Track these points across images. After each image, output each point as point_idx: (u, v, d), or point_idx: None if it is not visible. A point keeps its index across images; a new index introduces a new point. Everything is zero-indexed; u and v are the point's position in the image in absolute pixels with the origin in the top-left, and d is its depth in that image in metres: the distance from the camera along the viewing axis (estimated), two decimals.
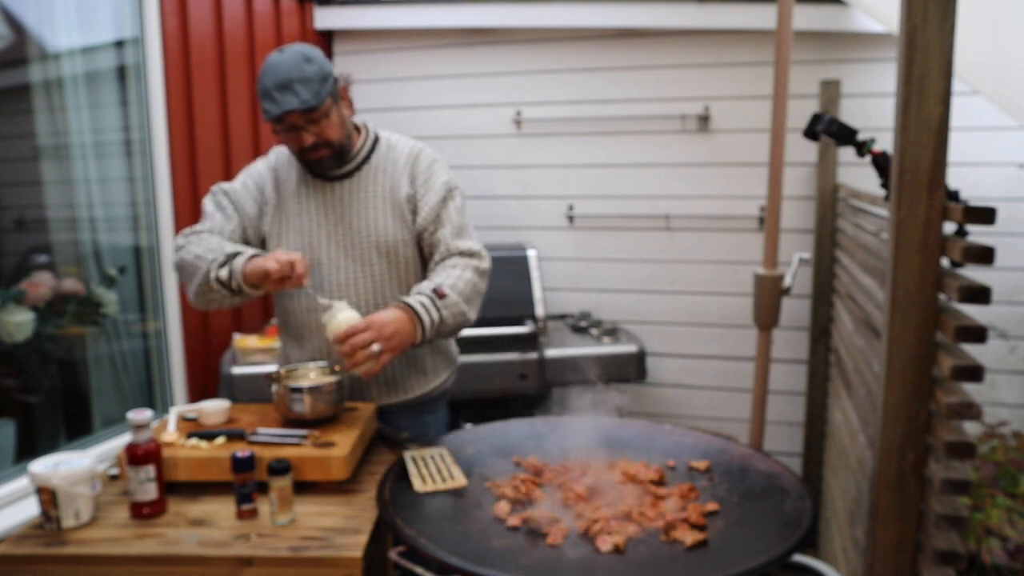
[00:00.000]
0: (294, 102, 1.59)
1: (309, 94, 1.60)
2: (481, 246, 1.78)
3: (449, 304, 1.64)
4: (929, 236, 1.09)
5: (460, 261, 1.73)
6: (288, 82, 1.59)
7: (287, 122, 1.63)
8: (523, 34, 3.25)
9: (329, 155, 1.69)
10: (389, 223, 1.75)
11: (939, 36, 1.05)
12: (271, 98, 1.60)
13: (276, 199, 1.79)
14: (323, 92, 1.62)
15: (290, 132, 1.65)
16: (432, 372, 1.86)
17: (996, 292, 1.07)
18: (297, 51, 1.64)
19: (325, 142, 1.67)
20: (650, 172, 3.24)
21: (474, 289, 1.71)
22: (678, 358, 3.31)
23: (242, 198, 1.78)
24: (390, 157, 1.80)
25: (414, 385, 1.83)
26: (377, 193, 1.76)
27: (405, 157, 1.79)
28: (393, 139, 1.83)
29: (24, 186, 2.35)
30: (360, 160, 1.78)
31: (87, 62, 2.39)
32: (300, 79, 1.60)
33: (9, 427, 2.18)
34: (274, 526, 1.36)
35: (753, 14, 2.94)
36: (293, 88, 1.59)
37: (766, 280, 2.59)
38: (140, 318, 2.58)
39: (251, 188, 1.80)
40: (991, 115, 2.36)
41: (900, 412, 1.13)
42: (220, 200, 1.79)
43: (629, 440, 1.64)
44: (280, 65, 1.61)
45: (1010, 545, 2.15)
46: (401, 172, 1.78)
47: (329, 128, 1.66)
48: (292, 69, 1.60)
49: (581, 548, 1.23)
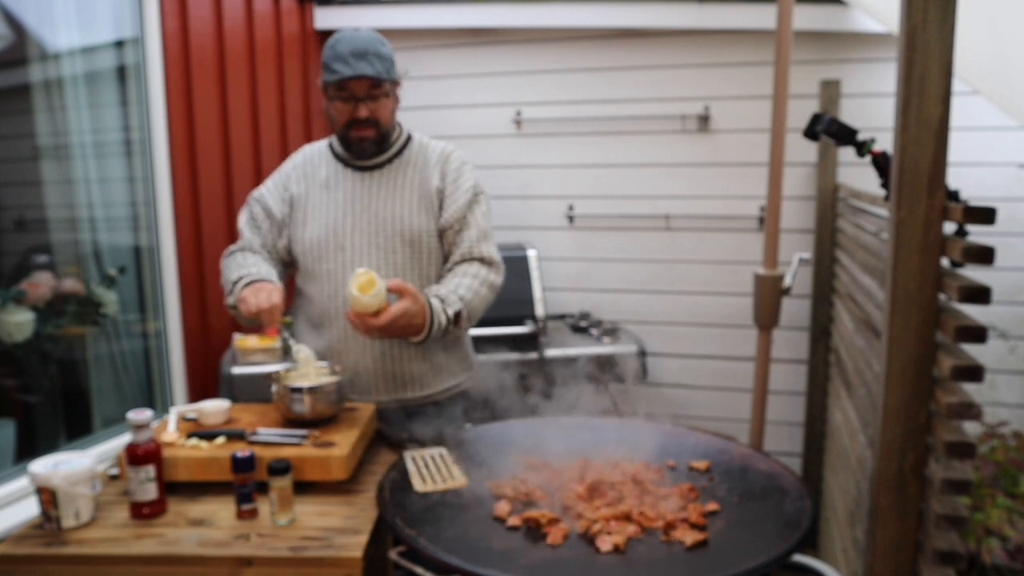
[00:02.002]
0: (368, 69, 1.67)
1: (383, 67, 1.71)
2: (500, 257, 1.85)
3: (456, 330, 1.74)
4: (929, 236, 1.09)
5: (481, 272, 1.79)
6: (365, 52, 1.68)
7: (350, 89, 1.70)
8: (523, 34, 3.25)
9: (373, 136, 1.76)
10: (415, 212, 1.80)
11: (939, 36, 1.05)
12: (345, 61, 1.67)
13: (303, 189, 1.84)
14: (392, 73, 1.75)
15: (347, 101, 1.72)
16: (446, 371, 1.87)
17: (996, 292, 1.07)
18: (373, 32, 1.75)
19: (375, 120, 1.74)
20: (650, 172, 3.24)
21: (483, 305, 1.80)
22: (678, 358, 3.31)
23: (270, 202, 1.85)
24: (422, 153, 1.86)
25: (432, 382, 1.85)
26: (406, 185, 1.82)
27: (437, 155, 1.86)
28: (425, 140, 1.90)
29: (24, 186, 2.35)
30: (393, 153, 1.83)
31: (87, 62, 2.39)
32: (376, 53, 1.70)
33: (9, 427, 2.18)
34: (274, 526, 1.36)
35: (753, 14, 2.94)
36: (368, 58, 1.68)
37: (766, 280, 2.59)
38: (140, 318, 2.58)
39: (279, 187, 1.87)
40: (991, 115, 2.36)
41: (900, 412, 1.13)
42: (253, 210, 1.87)
43: (629, 440, 1.64)
44: (358, 36, 1.71)
45: (1010, 545, 2.15)
46: (433, 168, 1.84)
47: (383, 109, 1.75)
48: (370, 43, 1.70)
49: (581, 548, 1.23)
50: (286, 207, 1.85)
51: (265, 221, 1.85)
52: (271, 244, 1.86)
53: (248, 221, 1.87)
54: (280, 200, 1.85)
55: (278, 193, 1.86)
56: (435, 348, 1.83)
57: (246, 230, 1.86)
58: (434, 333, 1.68)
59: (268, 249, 1.86)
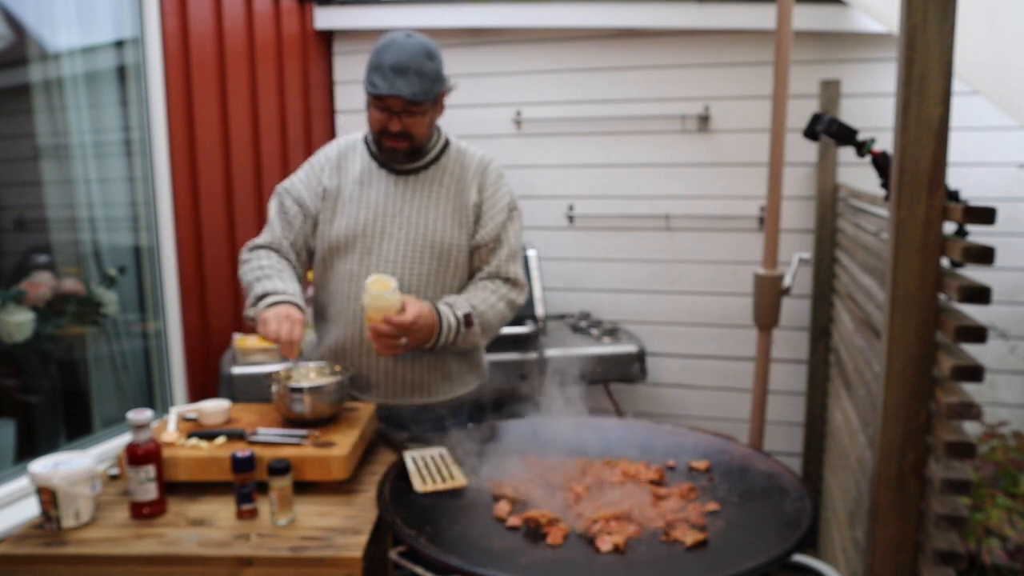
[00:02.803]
0: (405, 89, 1.62)
1: (420, 88, 1.63)
2: (524, 277, 1.84)
3: (470, 334, 1.71)
4: (929, 236, 1.09)
5: (502, 289, 1.79)
6: (407, 68, 1.62)
7: (387, 103, 1.65)
8: (523, 34, 3.25)
9: (405, 148, 1.72)
10: (449, 225, 1.76)
11: (939, 36, 1.05)
12: (384, 75, 1.62)
13: (336, 184, 1.79)
14: (432, 92, 1.66)
15: (382, 112, 1.68)
16: (457, 379, 1.86)
17: (996, 292, 1.07)
18: (422, 42, 1.67)
19: (408, 135, 1.69)
20: (650, 172, 3.24)
21: (500, 322, 1.79)
22: (678, 358, 3.31)
23: (303, 194, 1.80)
24: (459, 161, 1.82)
25: (442, 389, 1.83)
26: (442, 194, 1.78)
27: (476, 165, 1.82)
28: (463, 145, 1.86)
29: (24, 186, 2.35)
30: (430, 159, 1.79)
31: (87, 62, 2.39)
32: (418, 70, 1.63)
33: (9, 427, 2.18)
34: (274, 526, 1.36)
35: (753, 14, 2.94)
36: (408, 76, 1.62)
37: (766, 280, 2.59)
38: (140, 318, 2.58)
39: (312, 180, 1.82)
40: (991, 115, 2.36)
41: (900, 412, 1.13)
42: (284, 202, 1.81)
43: (629, 440, 1.64)
44: (405, 48, 1.63)
45: (1010, 545, 2.15)
46: (471, 180, 1.80)
47: (419, 125, 1.70)
48: (414, 57, 1.63)
49: (581, 548, 1.23)
50: (319, 201, 1.80)
51: (298, 215, 1.80)
52: (302, 241, 1.81)
53: (279, 214, 1.81)
54: (313, 193, 1.80)
55: (311, 185, 1.81)
56: (448, 357, 1.82)
57: (277, 224, 1.81)
58: (444, 334, 1.67)
59: (297, 248, 1.81)
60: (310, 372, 1.70)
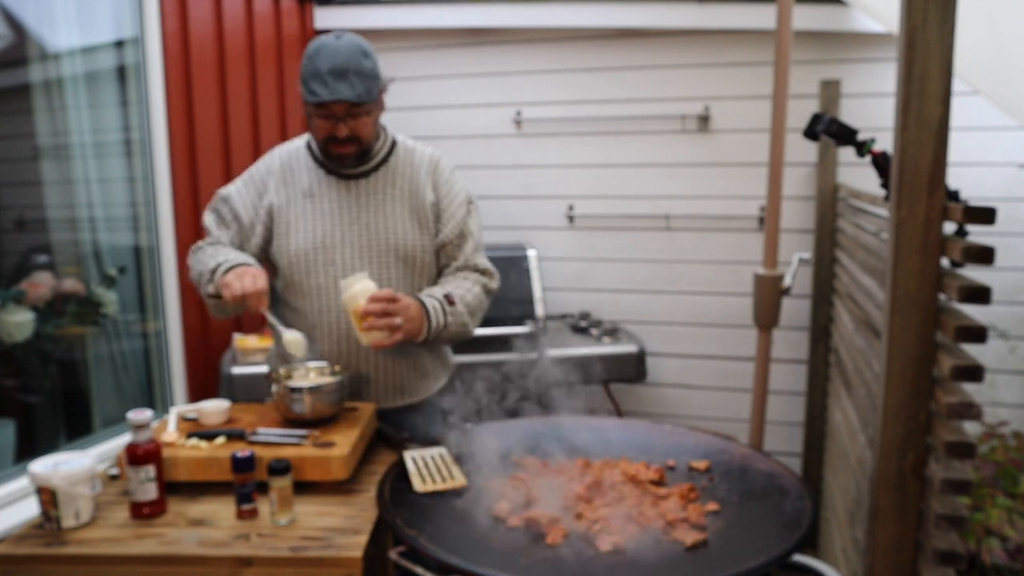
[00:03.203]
0: (348, 93, 1.57)
1: (363, 88, 1.59)
2: (492, 266, 1.84)
3: (456, 313, 1.70)
4: (929, 236, 1.09)
5: (472, 276, 1.79)
6: (345, 71, 1.57)
7: (331, 109, 1.61)
8: (523, 34, 3.25)
9: (354, 152, 1.68)
10: (408, 227, 1.75)
11: (939, 36, 1.05)
12: (323, 82, 1.57)
13: (284, 198, 1.75)
14: (373, 90, 1.62)
15: (327, 119, 1.63)
16: (433, 375, 1.88)
17: (996, 292, 1.07)
18: (355, 42, 1.62)
19: (356, 138, 1.66)
20: (650, 172, 3.24)
21: (480, 305, 1.78)
22: (678, 358, 3.31)
23: (238, 204, 1.77)
24: (408, 160, 1.79)
25: (418, 388, 1.84)
26: (396, 196, 1.76)
27: (426, 163, 1.80)
28: (409, 143, 1.83)
29: (24, 186, 2.35)
30: (379, 161, 1.77)
31: (87, 62, 2.39)
32: (357, 71, 1.58)
33: (9, 427, 2.18)
34: (274, 526, 1.36)
35: (753, 14, 2.94)
36: (348, 78, 1.57)
37: (766, 280, 2.59)
38: (140, 318, 2.58)
39: (251, 191, 1.78)
40: (991, 115, 2.36)
41: (900, 412, 1.13)
42: (219, 209, 1.78)
43: (629, 440, 1.64)
44: (339, 51, 1.58)
45: (1010, 545, 2.15)
46: (424, 179, 1.78)
47: (364, 127, 1.66)
48: (351, 58, 1.58)
49: (581, 548, 1.23)
50: (260, 215, 1.75)
51: (233, 223, 1.76)
52: (238, 245, 1.77)
53: (215, 220, 1.78)
54: (251, 206, 1.76)
55: (249, 198, 1.76)
56: (423, 354, 1.82)
57: (213, 228, 1.78)
58: (433, 319, 1.66)
59: (236, 248, 1.77)
60: (310, 372, 1.70)
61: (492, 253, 1.93)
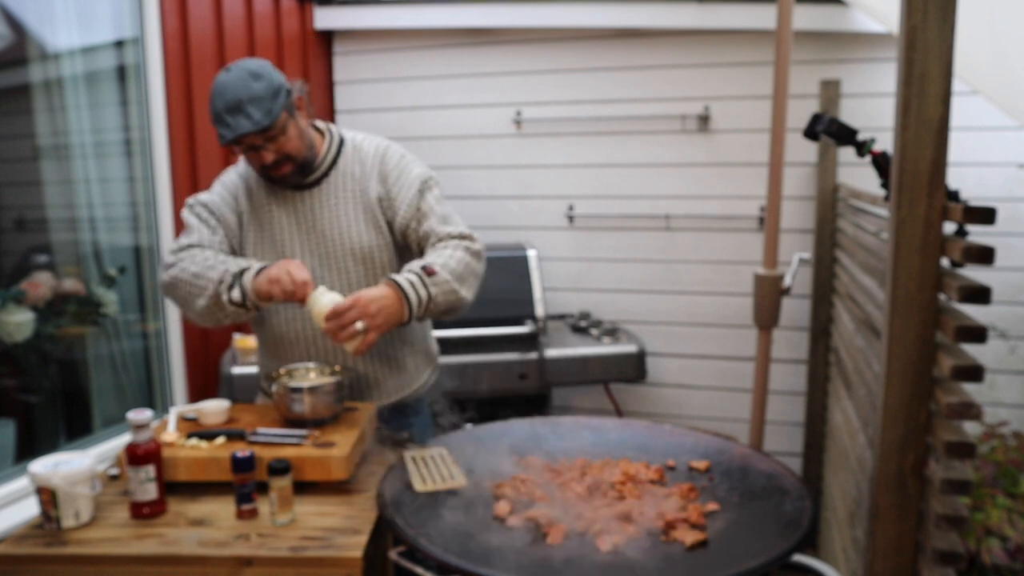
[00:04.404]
0: (247, 125, 1.54)
1: (261, 114, 1.55)
2: (468, 229, 1.73)
3: (439, 282, 1.60)
4: (929, 236, 1.09)
5: (451, 243, 1.69)
6: (238, 103, 1.54)
7: (245, 143, 1.59)
8: (523, 34, 3.25)
9: (292, 170, 1.66)
10: (362, 229, 1.72)
11: (939, 36, 1.05)
12: (224, 122, 1.56)
13: (249, 208, 1.74)
14: (275, 109, 1.57)
15: (249, 152, 1.62)
16: (414, 372, 1.84)
17: (996, 292, 1.07)
18: (244, 68, 1.59)
19: (286, 157, 1.63)
20: (650, 172, 3.24)
21: (467, 268, 1.66)
22: (678, 358, 3.31)
23: (221, 209, 1.74)
24: (356, 159, 1.76)
25: (395, 387, 1.81)
26: (347, 199, 1.73)
27: (372, 157, 1.75)
28: (359, 139, 1.79)
29: (24, 186, 2.35)
30: (327, 166, 1.73)
31: (87, 62, 2.39)
32: (249, 99, 1.54)
33: (9, 427, 2.18)
34: (274, 526, 1.36)
35: (753, 14, 2.94)
36: (244, 110, 1.54)
37: (766, 280, 2.59)
38: (140, 318, 2.58)
39: (227, 198, 1.75)
40: (991, 115, 2.36)
41: (900, 412, 1.13)
42: (200, 213, 1.74)
43: (629, 440, 1.64)
44: (228, 86, 1.56)
45: (1010, 545, 2.15)
46: (370, 174, 1.74)
47: (288, 143, 1.62)
48: (240, 89, 1.55)
49: (581, 548, 1.23)
50: (235, 216, 1.74)
51: (218, 226, 1.72)
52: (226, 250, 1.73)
53: (198, 222, 1.72)
54: (231, 210, 1.74)
55: (227, 202, 1.74)
56: (403, 350, 1.80)
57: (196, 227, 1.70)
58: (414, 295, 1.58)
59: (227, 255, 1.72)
60: (310, 372, 1.70)
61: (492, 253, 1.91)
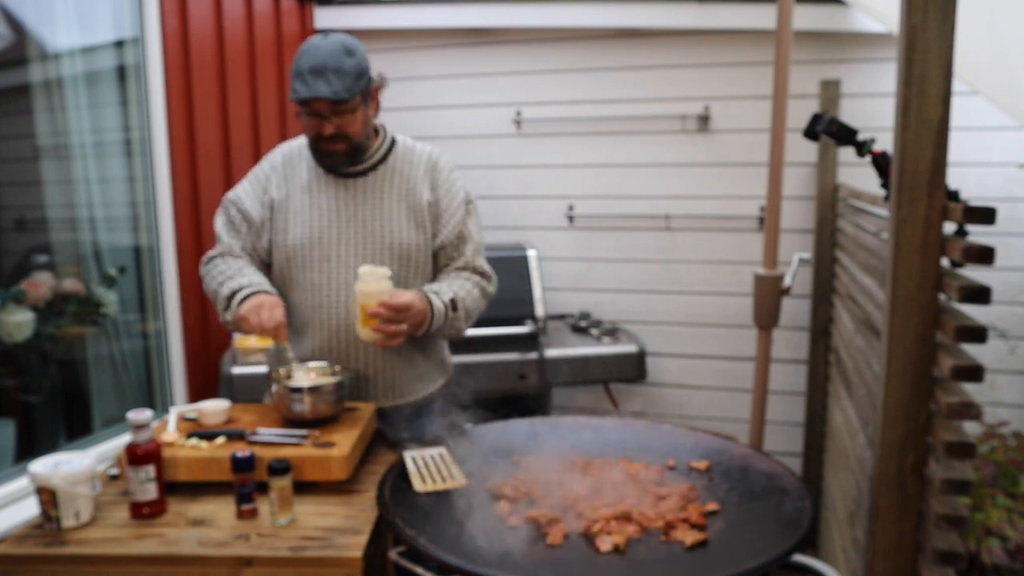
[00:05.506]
0: (325, 90, 1.58)
1: (341, 86, 1.59)
2: (491, 270, 1.85)
3: (456, 318, 1.72)
4: (929, 236, 1.09)
5: (474, 278, 1.80)
6: (323, 69, 1.58)
7: (313, 107, 1.62)
8: (523, 34, 3.25)
9: (344, 150, 1.68)
10: (405, 226, 1.75)
11: (939, 36, 1.05)
12: (303, 80, 1.59)
13: (284, 193, 1.77)
14: (356, 88, 1.62)
15: (312, 117, 1.65)
16: (427, 378, 1.87)
17: (996, 292, 1.07)
18: (340, 41, 1.63)
19: (344, 135, 1.66)
20: (650, 172, 3.24)
21: (476, 308, 1.80)
22: (678, 358, 3.31)
23: (248, 205, 1.78)
24: (407, 160, 1.79)
25: (411, 389, 1.84)
26: (394, 195, 1.76)
27: (425, 162, 1.80)
28: (410, 143, 1.83)
29: (24, 186, 2.35)
30: (377, 160, 1.77)
31: (87, 62, 2.39)
32: (336, 69, 1.59)
33: (9, 427, 2.18)
34: (274, 526, 1.36)
35: (753, 14, 2.94)
36: (327, 76, 1.58)
37: (766, 280, 2.59)
38: (140, 318, 2.58)
39: (257, 190, 1.79)
40: (991, 115, 2.35)
41: (900, 412, 1.13)
42: (230, 213, 1.79)
43: (629, 440, 1.64)
44: (320, 49, 1.60)
45: (1010, 545, 2.15)
46: (421, 178, 1.78)
47: (352, 123, 1.66)
48: (331, 57, 1.59)
49: (581, 548, 1.23)
50: (265, 211, 1.77)
51: (243, 224, 1.77)
52: (251, 248, 1.79)
53: (226, 224, 1.79)
54: (259, 203, 1.77)
55: (256, 195, 1.78)
56: (416, 355, 1.82)
57: (224, 234, 1.78)
58: (436, 320, 1.67)
59: (248, 253, 1.79)
60: (310, 372, 1.70)
61: (492, 253, 1.93)
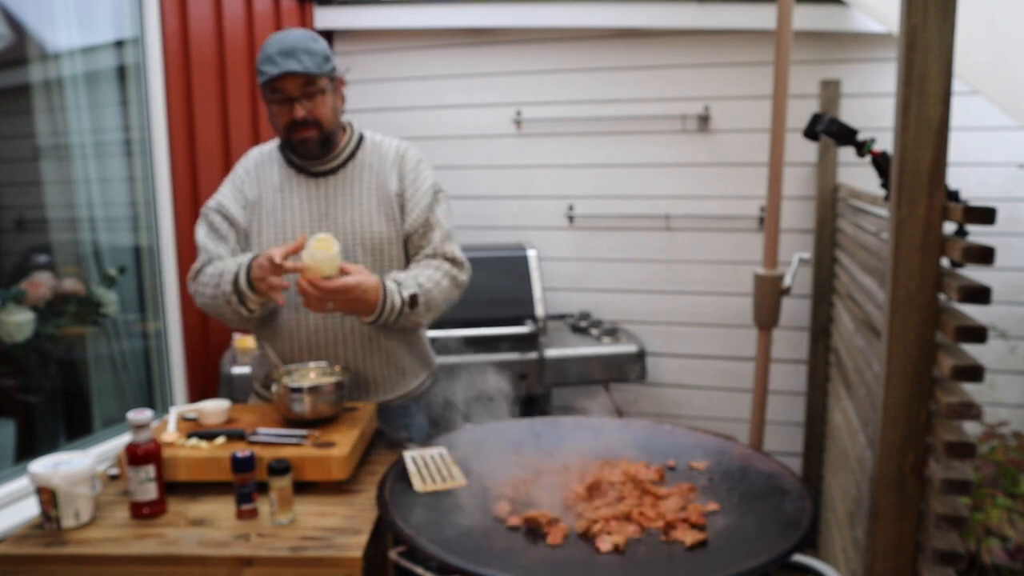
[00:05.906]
0: (296, 66, 1.60)
1: (311, 63, 1.63)
2: (464, 257, 1.82)
3: (413, 314, 1.68)
4: (929, 236, 1.09)
5: (444, 266, 1.77)
6: (293, 50, 1.62)
7: (283, 90, 1.64)
8: (523, 34, 3.25)
9: (316, 137, 1.69)
10: (376, 220, 1.75)
11: (939, 36, 1.05)
12: (272, 61, 1.61)
13: (257, 195, 1.77)
14: (324, 68, 1.66)
15: (283, 104, 1.66)
16: (410, 373, 1.86)
17: (996, 292, 1.07)
18: (304, 31, 1.68)
19: (315, 120, 1.67)
20: (650, 172, 3.24)
21: (444, 298, 1.75)
22: (678, 358, 3.31)
23: (233, 210, 1.76)
24: (376, 154, 1.80)
25: (392, 386, 1.82)
26: (363, 190, 1.76)
27: (392, 154, 1.80)
28: (377, 138, 1.84)
29: (24, 186, 2.35)
30: (346, 156, 1.77)
31: (87, 62, 2.39)
32: (305, 49, 1.63)
33: (9, 427, 2.18)
34: (274, 526, 1.36)
35: (753, 14, 2.94)
36: (296, 55, 1.61)
37: (766, 280, 2.59)
38: (140, 318, 2.58)
39: (238, 195, 1.78)
40: (991, 115, 2.36)
41: (900, 412, 1.13)
42: (212, 220, 1.76)
43: (629, 440, 1.64)
44: (287, 36, 1.65)
45: (1010, 545, 2.15)
46: (389, 169, 1.78)
47: (322, 106, 1.67)
48: (298, 41, 1.64)
49: (581, 548, 1.23)
50: (248, 213, 1.77)
51: (230, 231, 1.75)
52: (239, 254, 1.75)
53: (209, 233, 1.75)
54: (241, 207, 1.76)
55: (238, 200, 1.77)
56: (400, 352, 1.81)
57: (208, 244, 1.74)
58: (386, 313, 1.64)
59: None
60: (310, 372, 1.70)
61: (492, 253, 1.93)
